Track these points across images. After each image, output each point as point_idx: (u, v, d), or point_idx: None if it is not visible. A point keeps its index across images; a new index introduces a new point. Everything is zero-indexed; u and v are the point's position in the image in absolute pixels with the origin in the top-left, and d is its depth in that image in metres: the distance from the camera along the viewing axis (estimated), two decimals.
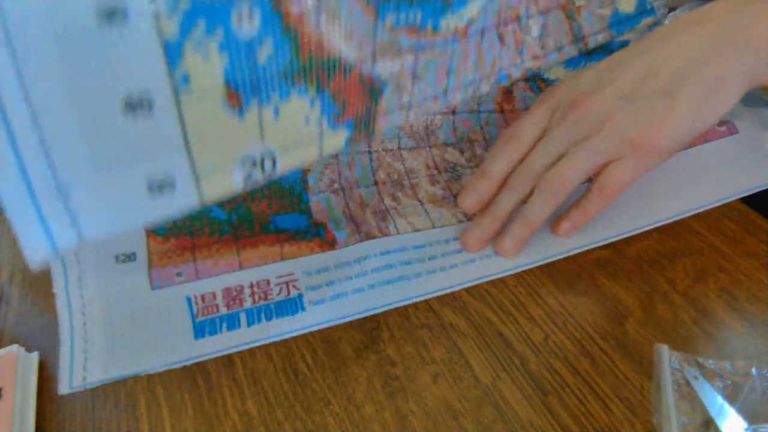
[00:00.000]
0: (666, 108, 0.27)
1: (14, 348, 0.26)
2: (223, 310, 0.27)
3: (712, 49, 0.27)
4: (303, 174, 0.33)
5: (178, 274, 0.28)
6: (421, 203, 0.34)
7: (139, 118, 0.14)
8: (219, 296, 0.28)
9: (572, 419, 0.24)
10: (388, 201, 0.33)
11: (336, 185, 0.33)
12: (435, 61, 0.23)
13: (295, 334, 0.27)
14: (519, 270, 0.30)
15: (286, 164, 0.19)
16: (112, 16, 0.13)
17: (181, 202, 0.17)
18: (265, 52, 0.16)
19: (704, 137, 0.37)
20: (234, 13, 0.15)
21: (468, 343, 0.27)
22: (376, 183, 0.34)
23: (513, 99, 0.41)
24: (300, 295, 0.28)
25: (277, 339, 0.26)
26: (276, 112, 0.17)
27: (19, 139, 0.13)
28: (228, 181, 0.18)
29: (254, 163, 0.18)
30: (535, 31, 0.29)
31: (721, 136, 0.38)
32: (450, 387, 0.25)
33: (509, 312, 0.28)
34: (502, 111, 0.40)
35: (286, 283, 0.29)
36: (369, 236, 0.31)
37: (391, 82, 0.22)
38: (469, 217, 0.33)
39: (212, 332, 0.26)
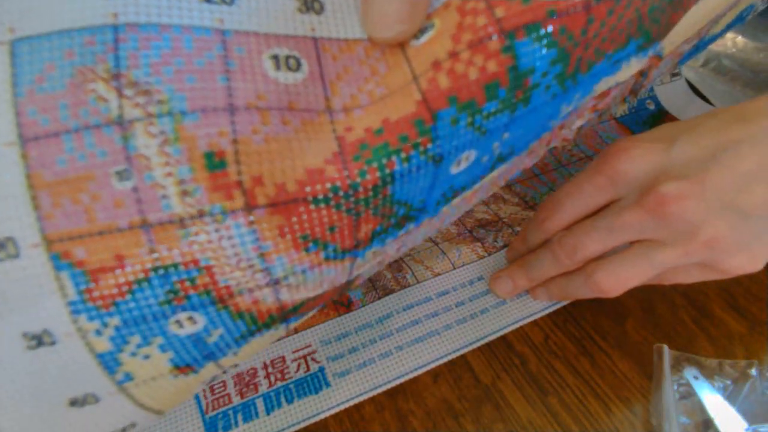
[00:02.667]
0: None
1: None
2: (237, 400, 0.24)
3: None
4: None
5: None
6: (436, 244, 0.31)
7: (87, 408, 0.14)
8: (230, 384, 0.24)
9: (572, 419, 0.24)
10: None
11: None
12: (428, 228, 0.20)
13: (322, 416, 0.24)
14: (553, 309, 0.28)
15: (247, 359, 0.18)
16: (39, 342, 0.13)
17: (145, 426, 0.17)
18: (215, 336, 0.14)
19: None
20: (170, 322, 0.14)
21: None
22: None
23: None
24: (321, 369, 0.25)
25: (302, 425, 0.23)
26: (235, 353, 0.16)
27: None
28: (188, 398, 0.17)
29: (215, 377, 0.17)
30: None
31: None
32: (450, 387, 0.25)
33: None
34: None
35: (304, 357, 0.26)
36: (387, 291, 0.29)
37: (369, 269, 0.19)
38: (490, 251, 0.31)
39: (226, 427, 0.23)
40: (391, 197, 0.15)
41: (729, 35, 0.45)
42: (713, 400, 0.23)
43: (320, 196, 0.13)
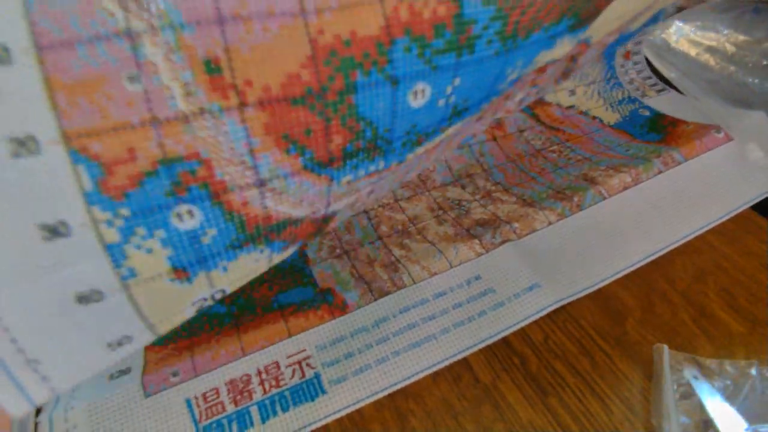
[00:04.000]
0: None
1: None
2: (231, 408, 0.23)
3: None
4: (301, 249, 0.30)
5: (174, 374, 0.24)
6: (433, 244, 0.31)
7: (92, 305, 0.15)
8: (223, 392, 0.24)
9: (572, 419, 0.24)
10: (396, 251, 0.30)
11: (338, 251, 0.31)
12: (395, 176, 0.21)
13: (319, 424, 0.23)
14: (551, 309, 0.27)
15: (235, 287, 0.19)
16: (53, 232, 0.14)
17: (139, 345, 0.17)
18: (209, 236, 0.16)
19: (705, 145, 0.37)
20: (172, 214, 0.15)
21: None
22: (380, 237, 0.32)
23: (503, 125, 0.41)
24: (317, 375, 0.25)
25: None
26: (224, 269, 0.17)
27: None
28: (180, 318, 0.18)
29: (205, 299, 0.18)
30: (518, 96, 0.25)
31: (718, 144, 0.37)
32: (450, 387, 0.25)
33: None
34: (494, 138, 0.40)
35: (299, 362, 0.25)
36: (382, 293, 0.28)
37: (345, 209, 0.21)
38: (488, 248, 0.30)
39: None
40: (355, 108, 0.17)
41: (725, 32, 0.45)
42: (713, 400, 0.23)
43: (297, 97, 0.16)
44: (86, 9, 0.13)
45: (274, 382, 0.24)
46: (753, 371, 0.24)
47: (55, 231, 0.14)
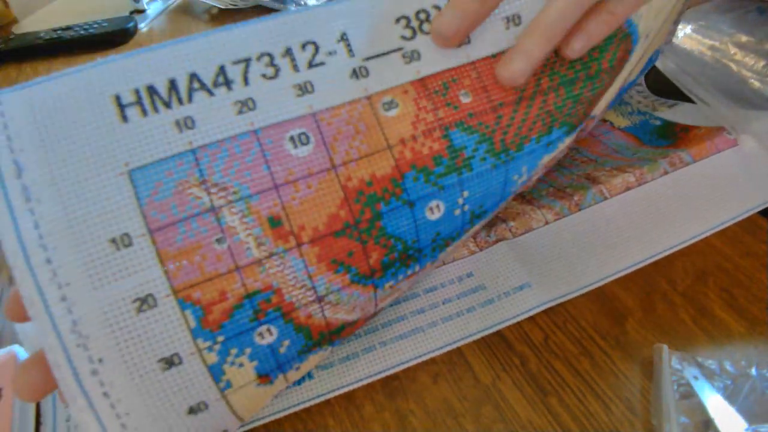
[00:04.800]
0: None
1: (14, 348, 0.26)
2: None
3: None
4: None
5: None
6: None
7: (200, 414, 0.19)
8: None
9: (572, 419, 0.24)
10: None
11: None
12: (429, 270, 0.25)
13: (304, 406, 0.24)
14: (542, 309, 0.27)
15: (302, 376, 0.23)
16: (170, 363, 0.18)
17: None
18: (284, 347, 0.20)
19: (716, 146, 0.35)
20: (256, 334, 0.19)
21: (468, 344, 0.27)
22: None
23: None
24: None
25: (285, 413, 0.24)
26: (297, 369, 0.21)
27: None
28: (262, 406, 0.22)
29: (281, 390, 0.22)
30: None
31: (730, 145, 0.36)
32: (450, 387, 0.25)
33: None
34: None
35: None
36: None
37: (389, 300, 0.24)
38: (483, 246, 0.30)
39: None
40: (384, 230, 0.21)
41: (728, 32, 0.44)
42: (713, 400, 0.23)
43: (339, 230, 0.20)
44: (181, 197, 0.19)
45: None
46: (753, 371, 0.24)
47: (170, 362, 0.18)
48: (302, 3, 0.65)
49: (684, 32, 0.47)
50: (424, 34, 0.22)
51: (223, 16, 0.67)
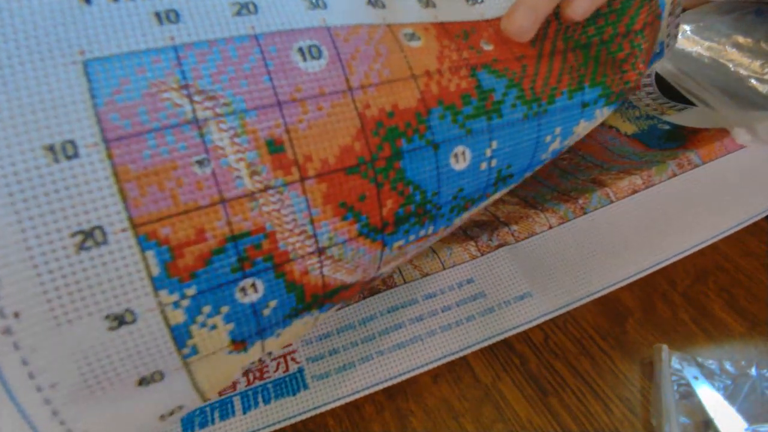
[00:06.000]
0: None
1: None
2: (215, 397, 0.24)
3: None
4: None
5: None
6: None
7: (152, 386, 0.15)
8: None
9: (572, 419, 0.24)
10: None
11: None
12: (437, 237, 0.23)
13: (297, 419, 0.23)
14: (543, 320, 0.27)
15: (282, 347, 0.20)
16: (120, 322, 0.14)
17: (188, 411, 0.18)
18: (270, 308, 0.17)
19: (726, 148, 0.35)
20: (237, 289, 0.16)
21: None
22: None
23: None
24: (300, 370, 0.25)
25: (277, 427, 0.23)
26: (278, 336, 0.18)
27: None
28: (229, 383, 0.19)
29: (253, 363, 0.19)
30: None
31: (740, 147, 0.35)
32: (450, 387, 0.25)
33: None
34: None
35: (284, 356, 0.25)
36: (372, 291, 0.28)
37: (389, 269, 0.22)
38: (484, 251, 0.30)
39: (203, 424, 0.23)
40: (403, 172, 0.18)
41: (726, 33, 0.45)
42: (713, 400, 0.23)
43: (352, 166, 0.17)
44: (154, 102, 0.15)
45: (258, 374, 0.25)
46: (753, 371, 0.24)
47: (120, 320, 0.14)
48: None
49: (683, 33, 0.47)
50: None
51: None
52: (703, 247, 0.31)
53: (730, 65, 0.43)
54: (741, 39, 0.44)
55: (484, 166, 0.20)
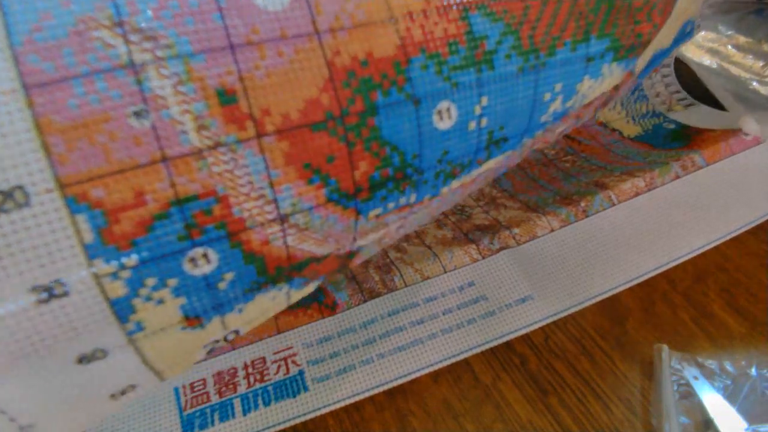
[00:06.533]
0: None
1: None
2: (215, 399, 0.24)
3: None
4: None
5: None
6: (429, 247, 0.30)
7: (95, 363, 0.14)
8: (210, 383, 0.24)
9: (572, 419, 0.24)
10: (392, 253, 0.30)
11: None
12: (428, 210, 0.21)
13: (297, 420, 0.23)
14: (544, 323, 0.27)
15: (250, 327, 0.18)
16: (49, 294, 0.13)
17: (144, 391, 0.17)
18: (226, 281, 0.15)
19: (731, 148, 0.34)
20: (186, 260, 0.14)
21: None
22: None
23: None
24: (301, 372, 0.25)
25: (277, 428, 0.23)
26: (240, 311, 0.16)
27: None
28: (191, 361, 0.17)
29: (217, 341, 0.17)
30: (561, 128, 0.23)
31: (746, 147, 0.35)
32: (450, 387, 0.25)
33: None
34: None
35: (285, 359, 0.25)
36: (373, 294, 0.28)
37: (371, 245, 0.20)
38: (485, 254, 0.29)
39: (202, 426, 0.23)
40: (378, 131, 0.16)
41: (726, 33, 0.45)
42: (713, 400, 0.23)
43: (318, 122, 0.15)
44: (82, 42, 0.12)
45: (258, 377, 0.25)
46: (753, 371, 0.24)
47: (49, 292, 0.13)
48: None
49: None
50: None
51: None
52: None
53: (731, 66, 0.43)
54: (741, 39, 0.44)
55: (473, 125, 0.18)
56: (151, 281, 0.14)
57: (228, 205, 0.14)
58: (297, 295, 0.18)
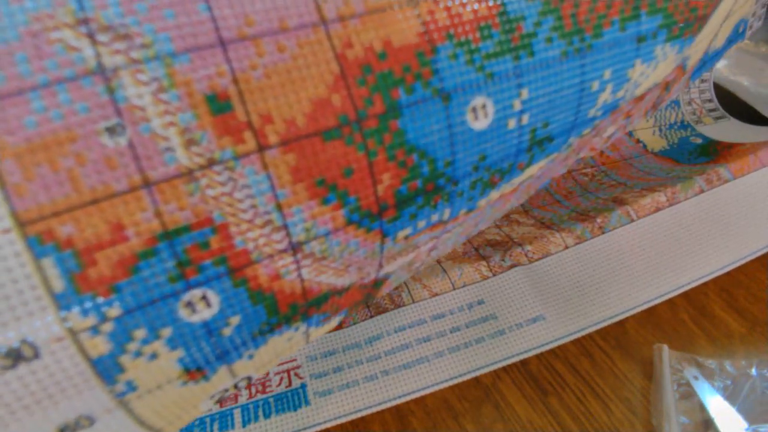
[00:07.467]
0: None
1: None
2: (215, 408, 0.23)
3: None
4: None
5: None
6: (438, 263, 0.29)
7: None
8: None
9: (572, 419, 0.24)
10: None
11: None
12: (463, 228, 0.18)
13: None
14: (555, 345, 0.26)
15: (263, 371, 0.16)
16: (16, 358, 0.10)
17: None
18: (231, 326, 0.13)
19: (761, 161, 0.32)
20: (181, 305, 0.12)
21: None
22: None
23: None
24: (303, 386, 0.24)
25: None
26: (250, 357, 0.14)
27: None
28: (195, 414, 0.15)
29: (226, 390, 0.15)
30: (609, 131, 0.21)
31: None
32: (450, 387, 0.25)
33: None
34: None
35: (288, 371, 0.25)
36: (380, 310, 0.27)
37: (400, 270, 0.17)
38: (496, 272, 0.29)
39: None
40: (403, 135, 0.13)
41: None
42: (713, 400, 0.23)
43: (330, 129, 0.12)
44: (38, 45, 0.10)
45: (260, 388, 0.24)
46: (753, 371, 0.24)
47: (17, 355, 0.10)
48: None
49: None
50: None
51: None
52: None
53: (730, 67, 0.43)
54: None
55: (512, 123, 0.15)
56: (140, 333, 0.12)
57: (228, 236, 0.12)
58: (317, 332, 0.16)
